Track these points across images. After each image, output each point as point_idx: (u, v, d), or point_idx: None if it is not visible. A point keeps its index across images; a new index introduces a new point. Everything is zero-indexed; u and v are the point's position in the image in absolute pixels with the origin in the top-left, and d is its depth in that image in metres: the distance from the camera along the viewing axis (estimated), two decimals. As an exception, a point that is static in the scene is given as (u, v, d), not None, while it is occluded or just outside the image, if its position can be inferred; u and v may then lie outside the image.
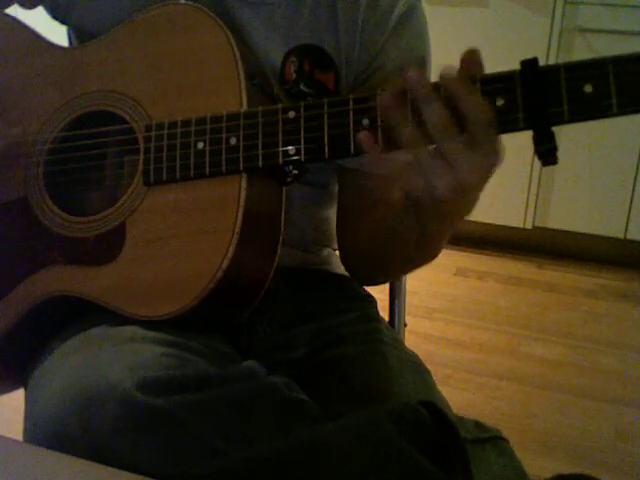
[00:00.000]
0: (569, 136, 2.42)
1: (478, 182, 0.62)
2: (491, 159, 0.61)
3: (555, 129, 0.58)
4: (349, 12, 0.81)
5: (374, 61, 0.82)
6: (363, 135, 0.63)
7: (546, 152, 0.59)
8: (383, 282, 0.95)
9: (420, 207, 0.66)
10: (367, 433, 0.56)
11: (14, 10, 0.87)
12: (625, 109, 0.56)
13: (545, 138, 0.58)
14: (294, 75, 0.81)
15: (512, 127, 0.59)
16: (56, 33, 0.86)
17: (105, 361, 0.61)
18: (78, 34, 0.87)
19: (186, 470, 0.55)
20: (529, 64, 0.58)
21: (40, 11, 0.87)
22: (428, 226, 0.70)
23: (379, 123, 0.63)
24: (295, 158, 0.67)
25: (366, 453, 0.55)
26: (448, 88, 0.60)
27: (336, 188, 0.91)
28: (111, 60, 0.77)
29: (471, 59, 0.60)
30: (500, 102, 0.59)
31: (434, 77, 0.84)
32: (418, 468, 0.54)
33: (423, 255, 0.78)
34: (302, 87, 0.81)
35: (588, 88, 0.56)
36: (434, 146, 0.61)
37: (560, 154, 0.58)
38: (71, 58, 0.80)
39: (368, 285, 0.94)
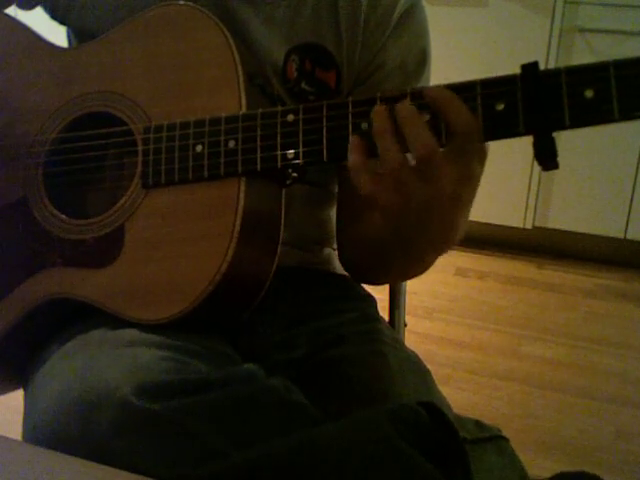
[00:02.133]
0: (569, 136, 2.41)
1: (461, 193, 0.61)
2: (472, 169, 0.60)
3: (555, 132, 0.58)
4: (350, 11, 0.81)
5: (375, 59, 0.82)
6: (354, 139, 0.62)
7: (547, 157, 0.58)
8: (382, 283, 0.95)
9: (402, 222, 0.65)
10: (366, 434, 0.56)
11: (13, 11, 0.87)
12: (627, 114, 0.55)
13: (546, 143, 0.58)
14: (296, 74, 0.81)
15: (512, 132, 0.59)
16: (55, 34, 0.86)
17: (104, 365, 0.61)
18: (77, 35, 0.87)
19: (186, 472, 0.55)
20: (530, 68, 0.58)
21: (39, 12, 0.87)
22: (414, 241, 0.68)
23: None
24: (294, 161, 0.66)
25: (365, 454, 0.55)
26: (433, 101, 0.60)
27: (336, 188, 0.91)
28: (110, 61, 0.77)
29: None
30: (500, 106, 0.59)
31: (433, 75, 0.85)
32: (417, 469, 0.54)
33: (415, 266, 0.77)
34: (304, 86, 0.81)
35: (589, 93, 0.56)
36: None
37: (560, 154, 0.58)
38: (70, 59, 0.80)
39: (367, 285, 0.94)
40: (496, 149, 0.60)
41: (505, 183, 2.54)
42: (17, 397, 0.80)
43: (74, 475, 0.53)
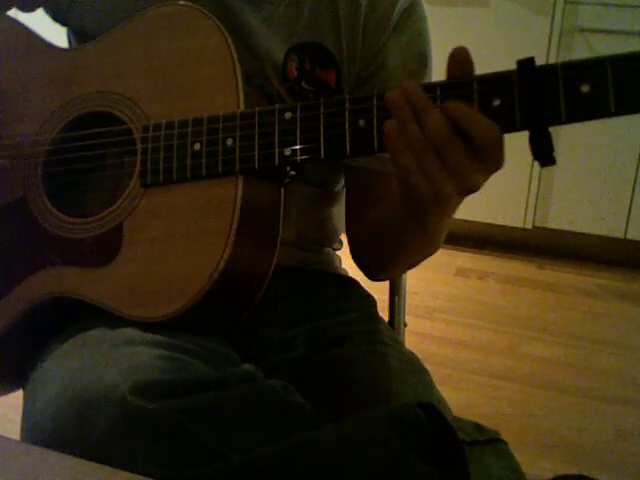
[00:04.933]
0: (569, 136, 2.42)
1: (479, 185, 0.62)
2: (494, 166, 0.60)
3: (555, 129, 0.58)
4: (350, 10, 0.81)
5: (375, 59, 0.82)
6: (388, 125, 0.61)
7: (543, 153, 0.58)
8: (392, 276, 0.94)
9: (422, 207, 0.66)
10: (365, 435, 0.56)
11: (13, 13, 0.86)
12: (623, 109, 0.55)
13: (542, 139, 0.58)
14: (296, 73, 0.81)
15: (509, 128, 0.59)
16: (55, 35, 0.86)
17: (102, 364, 0.61)
18: (78, 35, 0.87)
19: (183, 472, 0.55)
20: (526, 64, 0.58)
21: (39, 13, 0.87)
22: (429, 223, 0.70)
23: (375, 124, 0.63)
24: (291, 159, 0.66)
25: (364, 455, 0.55)
26: (450, 111, 0.59)
27: (336, 187, 0.91)
28: (109, 61, 0.77)
29: (460, 58, 0.60)
30: (497, 102, 0.58)
31: (435, 75, 0.84)
32: (416, 470, 0.54)
33: (425, 248, 0.79)
34: (304, 85, 0.81)
35: (585, 88, 0.56)
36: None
37: (560, 154, 0.58)
38: (70, 59, 0.80)
39: (377, 279, 0.94)
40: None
41: (505, 183, 2.54)
42: (17, 396, 0.80)
43: (73, 475, 0.53)
